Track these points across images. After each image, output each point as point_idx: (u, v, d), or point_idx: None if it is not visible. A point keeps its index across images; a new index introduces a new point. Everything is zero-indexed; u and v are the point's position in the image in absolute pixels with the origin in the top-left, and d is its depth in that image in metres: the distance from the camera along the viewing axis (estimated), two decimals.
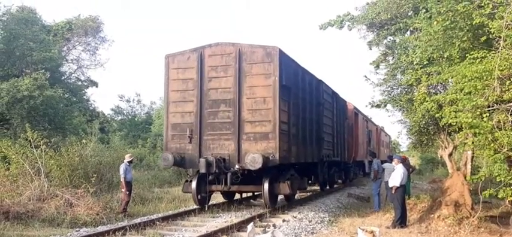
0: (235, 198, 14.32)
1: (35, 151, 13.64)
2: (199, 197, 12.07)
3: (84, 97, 30.22)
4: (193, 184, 11.93)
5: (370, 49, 17.83)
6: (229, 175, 11.12)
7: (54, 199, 11.80)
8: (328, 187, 19.26)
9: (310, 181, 16.19)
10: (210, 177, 11.39)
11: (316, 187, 18.48)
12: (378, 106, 18.66)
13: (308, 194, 17.23)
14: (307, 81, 13.66)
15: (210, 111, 11.60)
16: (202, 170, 11.02)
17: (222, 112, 11.48)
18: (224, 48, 11.67)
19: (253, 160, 10.50)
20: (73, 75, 31.00)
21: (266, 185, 11.52)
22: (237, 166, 11.00)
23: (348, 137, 20.32)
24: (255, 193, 14.69)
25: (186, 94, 11.89)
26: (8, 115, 19.32)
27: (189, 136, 11.62)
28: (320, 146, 14.87)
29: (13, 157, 13.85)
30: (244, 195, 14.66)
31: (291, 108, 11.89)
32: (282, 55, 11.32)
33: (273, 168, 11.39)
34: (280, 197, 13.47)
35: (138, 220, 10.70)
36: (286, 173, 12.26)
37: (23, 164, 13.36)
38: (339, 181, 21.49)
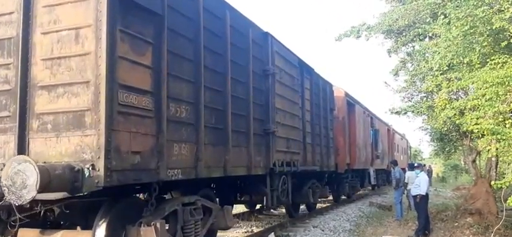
0: (256, 208, 13.50)
1: None
2: None
3: None
4: None
5: (390, 56, 17.77)
6: None
7: None
8: (308, 211, 13.82)
9: (257, 206, 12.43)
10: None
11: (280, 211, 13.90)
12: (398, 112, 18.57)
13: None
14: (226, 21, 7.00)
15: None
16: None
17: None
18: None
19: (15, 182, 4.07)
20: None
21: (100, 233, 5.03)
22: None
23: (336, 136, 14.50)
24: None
25: None
26: None
27: None
28: (268, 146, 8.42)
29: None
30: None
31: (166, 62, 5.30)
32: None
33: (128, 193, 5.61)
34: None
35: None
36: (165, 205, 5.75)
37: None
38: (325, 199, 15.19)
